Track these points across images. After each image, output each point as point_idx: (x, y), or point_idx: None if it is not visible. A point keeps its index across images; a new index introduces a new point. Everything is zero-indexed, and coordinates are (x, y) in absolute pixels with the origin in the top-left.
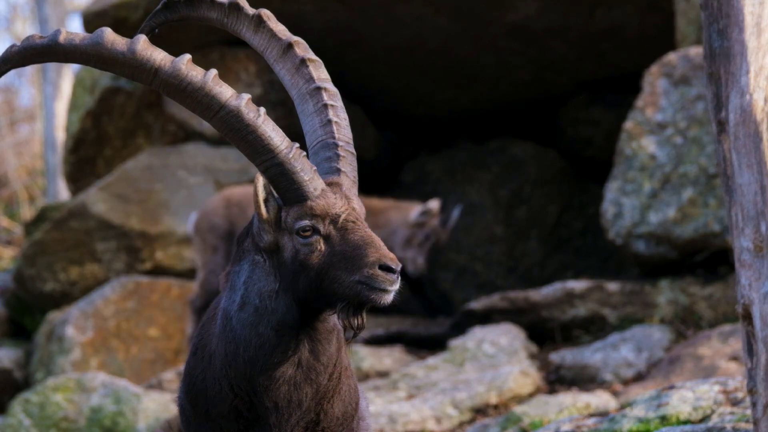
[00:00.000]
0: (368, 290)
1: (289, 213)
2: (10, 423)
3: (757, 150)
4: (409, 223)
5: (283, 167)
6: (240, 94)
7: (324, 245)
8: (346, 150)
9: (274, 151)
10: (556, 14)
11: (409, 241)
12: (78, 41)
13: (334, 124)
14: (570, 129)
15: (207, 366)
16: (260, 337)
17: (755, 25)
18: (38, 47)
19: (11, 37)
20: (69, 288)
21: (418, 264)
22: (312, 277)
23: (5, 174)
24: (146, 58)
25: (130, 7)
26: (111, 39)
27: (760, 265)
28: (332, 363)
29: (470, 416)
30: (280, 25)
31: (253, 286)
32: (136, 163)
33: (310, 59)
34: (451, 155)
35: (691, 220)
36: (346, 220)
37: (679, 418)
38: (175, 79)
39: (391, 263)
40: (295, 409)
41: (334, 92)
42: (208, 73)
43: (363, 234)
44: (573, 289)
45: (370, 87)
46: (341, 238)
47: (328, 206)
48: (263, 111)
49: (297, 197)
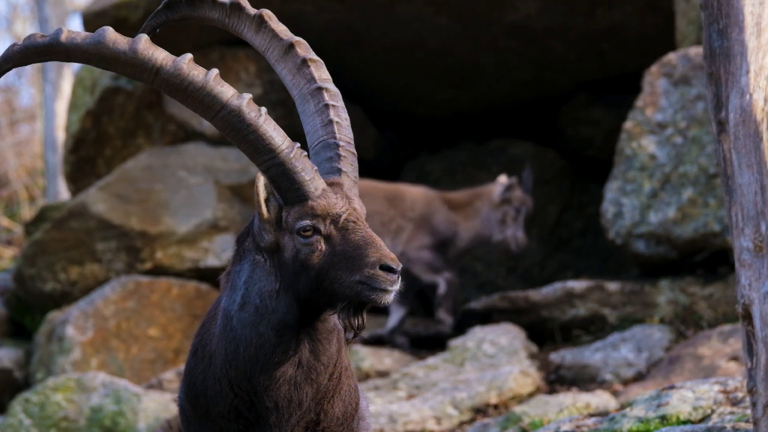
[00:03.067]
0: (369, 290)
1: (290, 213)
2: (10, 423)
3: (757, 150)
4: (496, 203)
5: (284, 167)
6: (241, 94)
7: (325, 245)
8: (347, 150)
9: (275, 151)
10: (556, 14)
11: (503, 220)
12: (80, 40)
13: (335, 124)
14: (570, 129)
15: (207, 366)
16: (261, 337)
17: (755, 25)
18: (40, 46)
19: (11, 37)
20: (69, 288)
21: (519, 239)
22: (312, 277)
23: (5, 174)
24: (148, 57)
25: (130, 7)
26: (113, 38)
27: (760, 265)
28: (333, 363)
29: (470, 416)
30: (281, 25)
31: (253, 286)
32: (136, 163)
33: (312, 59)
34: (451, 155)
35: (691, 220)
36: (347, 220)
37: (679, 418)
38: (176, 78)
39: (391, 263)
40: (295, 408)
41: (335, 92)
42: (210, 72)
43: (364, 234)
44: (573, 289)
45: (370, 87)
46: (342, 238)
47: (329, 206)
48: (264, 111)
49: (298, 197)
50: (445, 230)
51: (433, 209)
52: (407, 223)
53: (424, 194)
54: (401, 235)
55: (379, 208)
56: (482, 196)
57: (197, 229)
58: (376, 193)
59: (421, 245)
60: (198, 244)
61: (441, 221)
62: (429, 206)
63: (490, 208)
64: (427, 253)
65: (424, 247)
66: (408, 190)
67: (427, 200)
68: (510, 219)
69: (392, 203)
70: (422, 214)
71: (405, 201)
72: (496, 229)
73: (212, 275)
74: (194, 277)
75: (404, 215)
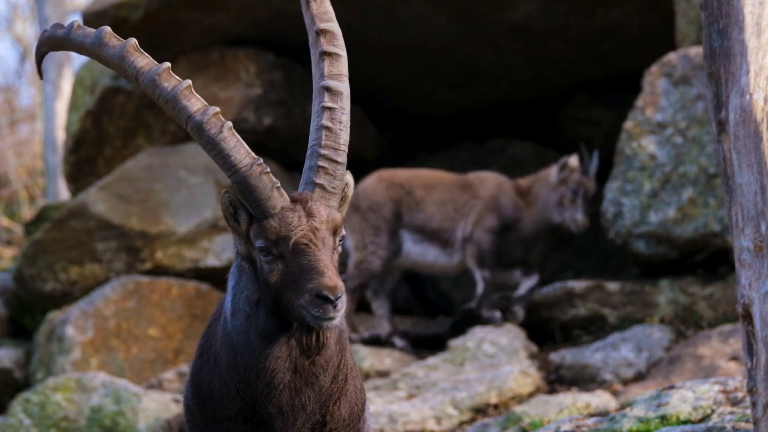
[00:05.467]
0: (309, 316)
1: (252, 229)
2: (10, 423)
3: (757, 150)
4: (553, 184)
5: (243, 184)
6: (206, 109)
7: (281, 265)
8: (329, 159)
9: (234, 168)
10: (556, 14)
11: (560, 202)
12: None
13: (324, 130)
14: (570, 129)
15: (213, 368)
16: (251, 345)
17: (755, 25)
18: (57, 38)
19: (11, 37)
20: (69, 288)
21: (579, 221)
22: (273, 294)
23: (5, 174)
24: (130, 62)
25: (130, 7)
26: (107, 40)
27: (760, 265)
28: (334, 365)
29: (470, 416)
30: (324, 6)
31: (241, 293)
32: (136, 163)
33: (328, 53)
34: (451, 155)
35: (691, 220)
36: (297, 242)
37: (679, 418)
38: (149, 88)
39: (328, 293)
40: (299, 412)
41: (340, 92)
42: (179, 85)
43: (311, 258)
44: (573, 288)
45: (370, 87)
46: (293, 260)
47: (281, 228)
48: (228, 126)
49: (258, 214)
50: (510, 214)
51: (502, 191)
52: (477, 202)
53: (495, 177)
54: (470, 216)
55: (452, 196)
56: (541, 179)
57: (197, 229)
58: (450, 182)
59: (488, 227)
60: (198, 244)
61: (508, 204)
62: (499, 188)
63: (548, 191)
64: (489, 239)
65: (490, 230)
66: (479, 174)
67: (498, 182)
68: (567, 201)
69: (464, 189)
70: (492, 195)
71: (476, 185)
72: (555, 211)
73: (212, 275)
74: (194, 277)
75: (475, 196)
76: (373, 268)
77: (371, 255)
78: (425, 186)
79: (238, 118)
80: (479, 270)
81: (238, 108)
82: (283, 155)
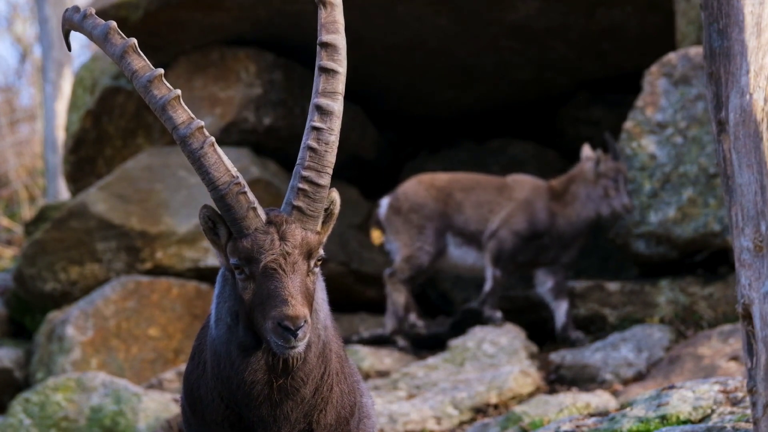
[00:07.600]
0: (273, 343)
1: (228, 245)
2: (11, 423)
3: (757, 150)
4: (592, 180)
5: (220, 202)
6: (191, 123)
7: (252, 285)
8: (310, 182)
9: (212, 185)
10: (556, 14)
11: (606, 194)
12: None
13: (309, 150)
14: (570, 129)
15: (201, 373)
16: (231, 356)
17: (755, 25)
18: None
19: (11, 37)
20: (69, 288)
21: (627, 205)
22: (247, 311)
23: (5, 174)
24: (127, 63)
25: (130, 6)
26: (110, 36)
27: (760, 264)
28: (316, 377)
29: (470, 416)
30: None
31: (224, 302)
32: (136, 163)
33: (326, 69)
34: (451, 155)
35: (691, 219)
36: (266, 266)
37: (679, 418)
38: (142, 92)
39: (288, 323)
40: (282, 422)
41: (330, 111)
42: (168, 94)
43: (278, 285)
44: (573, 288)
45: (370, 87)
46: (262, 282)
47: (252, 249)
48: (210, 142)
49: (235, 232)
50: (541, 219)
51: (536, 195)
52: (510, 203)
53: (532, 181)
54: (500, 213)
55: (489, 198)
56: (575, 178)
57: (197, 228)
58: (487, 184)
59: (515, 229)
60: (198, 244)
61: (540, 209)
62: (534, 191)
63: (587, 188)
64: (513, 240)
65: (516, 233)
66: (516, 177)
67: (534, 186)
68: (612, 190)
69: (501, 191)
70: (526, 198)
71: (513, 187)
72: (603, 204)
73: (212, 275)
74: (194, 277)
75: (510, 197)
76: (421, 262)
77: (419, 251)
78: (464, 189)
79: (238, 118)
80: (492, 267)
81: (238, 108)
82: (283, 155)
